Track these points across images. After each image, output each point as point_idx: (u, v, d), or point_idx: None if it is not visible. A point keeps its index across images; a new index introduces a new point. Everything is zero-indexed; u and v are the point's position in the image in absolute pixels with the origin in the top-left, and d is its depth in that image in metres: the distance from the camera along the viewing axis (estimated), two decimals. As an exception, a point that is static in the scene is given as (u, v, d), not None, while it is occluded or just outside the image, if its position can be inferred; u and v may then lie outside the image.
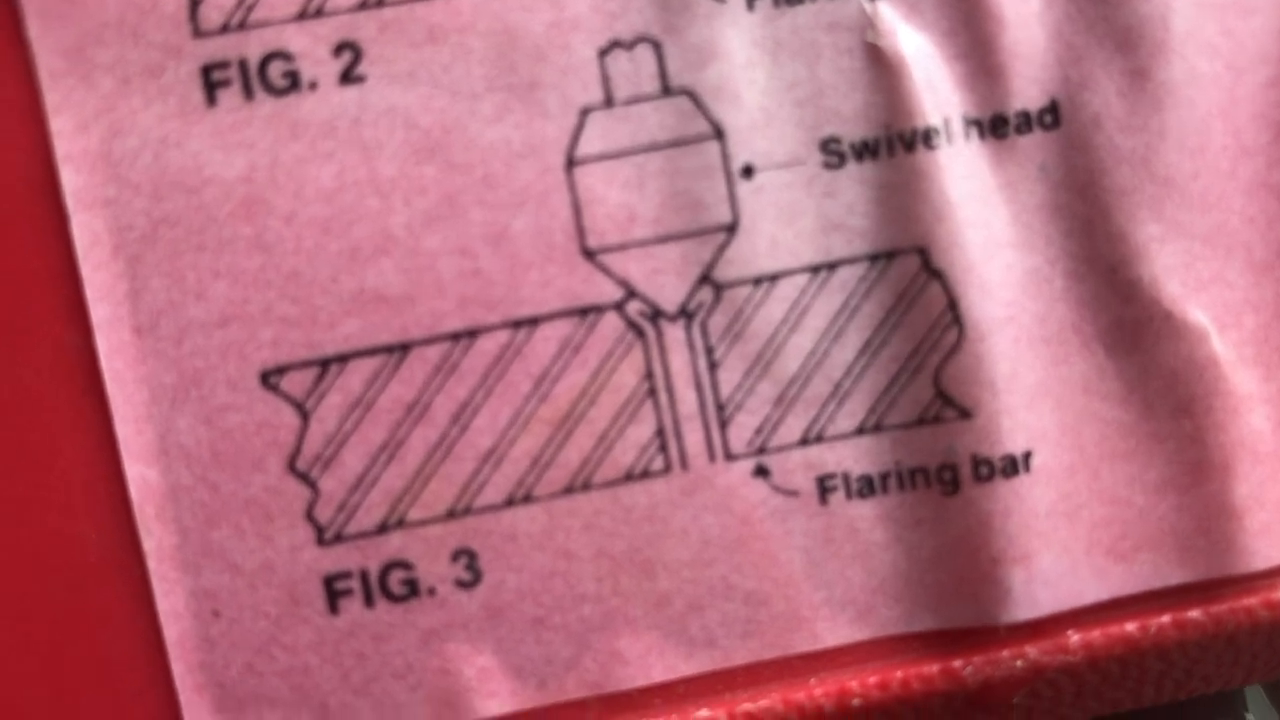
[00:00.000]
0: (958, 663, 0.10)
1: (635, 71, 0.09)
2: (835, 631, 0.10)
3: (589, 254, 0.09)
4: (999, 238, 0.09)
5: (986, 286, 0.09)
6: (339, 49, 0.09)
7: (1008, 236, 0.09)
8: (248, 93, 0.09)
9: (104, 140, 0.09)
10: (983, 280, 0.09)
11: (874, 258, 0.09)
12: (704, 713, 0.09)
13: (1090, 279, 0.09)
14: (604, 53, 0.09)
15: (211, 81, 0.09)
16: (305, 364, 0.09)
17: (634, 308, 0.09)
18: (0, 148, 0.09)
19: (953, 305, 0.09)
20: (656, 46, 0.09)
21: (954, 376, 0.09)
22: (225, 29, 0.09)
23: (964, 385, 0.09)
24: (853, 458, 0.09)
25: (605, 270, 0.09)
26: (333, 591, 0.09)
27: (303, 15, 0.09)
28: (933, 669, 0.10)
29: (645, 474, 0.09)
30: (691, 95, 0.09)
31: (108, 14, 0.09)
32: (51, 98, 0.09)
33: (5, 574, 0.09)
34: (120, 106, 0.09)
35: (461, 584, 0.09)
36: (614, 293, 0.09)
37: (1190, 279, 0.09)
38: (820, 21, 0.09)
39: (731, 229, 0.09)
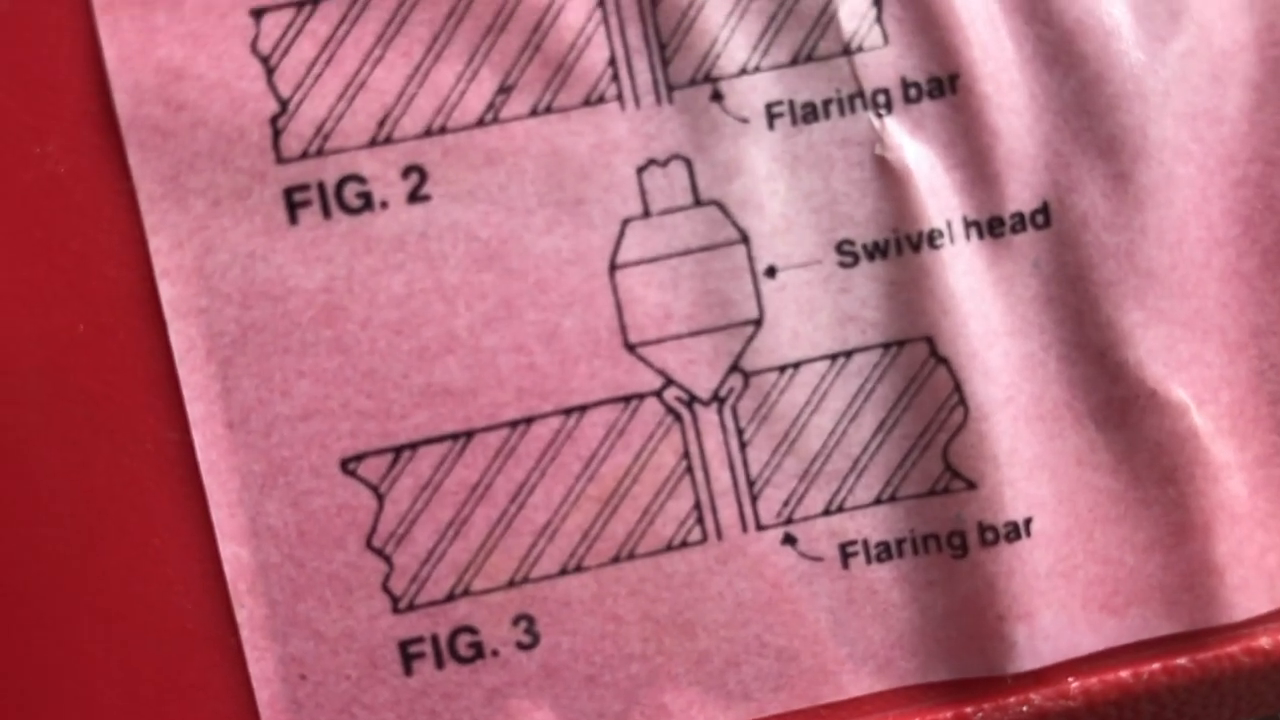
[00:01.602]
0: (969, 709, 0.11)
1: (669, 185, 0.10)
2: (858, 683, 0.11)
3: (630, 348, 0.10)
4: (998, 327, 0.11)
5: (988, 371, 0.10)
6: (407, 172, 0.10)
7: (1006, 325, 0.11)
8: (326, 212, 0.10)
9: (197, 256, 0.10)
10: (984, 365, 0.10)
11: (886, 346, 0.10)
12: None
13: (1081, 362, 0.11)
14: (641, 170, 0.10)
15: (293, 202, 0.10)
16: (380, 451, 0.10)
17: (672, 394, 0.11)
18: (105, 263, 0.10)
19: (958, 388, 0.10)
20: (688, 163, 0.10)
21: (960, 452, 0.10)
22: (305, 155, 0.10)
23: (969, 460, 0.10)
24: (871, 526, 0.11)
25: (645, 362, 0.10)
26: (407, 655, 0.10)
27: (374, 142, 0.10)
28: (947, 715, 0.11)
29: (684, 544, 0.10)
30: (720, 205, 0.10)
31: (199, 144, 0.10)
32: (150, 219, 0.10)
33: (114, 644, 0.10)
34: (212, 225, 0.10)
35: (521, 646, 0.10)
36: (653, 382, 0.10)
37: (1171, 360, 0.11)
38: (834, 138, 0.10)
39: (758, 323, 0.10)
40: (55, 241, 0.10)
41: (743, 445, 0.10)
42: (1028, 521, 0.10)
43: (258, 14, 0.10)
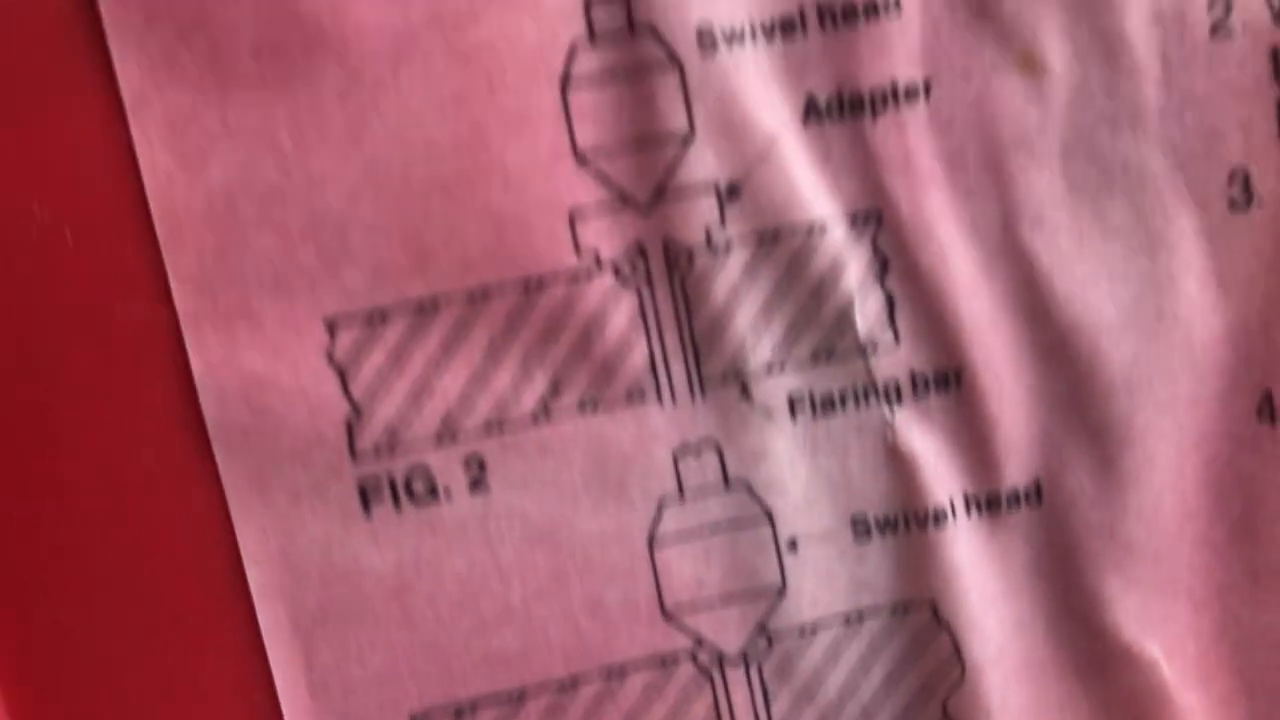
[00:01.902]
0: None
1: (702, 470, 0.11)
2: None
3: (667, 615, 0.12)
4: (993, 592, 0.12)
5: (983, 632, 0.12)
6: (468, 464, 0.11)
7: (1000, 590, 0.12)
8: (396, 502, 0.11)
9: (281, 544, 0.11)
10: (980, 627, 0.12)
11: (894, 610, 0.12)
12: None
13: (1065, 623, 0.12)
14: (677, 456, 0.11)
15: (367, 495, 0.11)
16: (444, 709, 0.11)
17: (703, 656, 0.12)
18: (198, 554, 0.11)
19: (957, 649, 0.12)
20: (719, 450, 0.11)
21: (958, 705, 0.12)
22: (377, 453, 0.11)
23: (967, 712, 0.12)
24: (879, 766, 0.12)
25: (680, 627, 0.12)
26: None
27: (439, 439, 0.11)
28: None
29: (715, 783, 0.12)
30: (748, 487, 0.11)
31: (281, 446, 0.11)
32: (237, 511, 0.11)
33: None
34: (293, 517, 0.11)
35: None
36: (687, 644, 0.12)
37: (1145, 620, 0.12)
38: (850, 426, 0.11)
39: (781, 590, 0.12)
40: (148, 535, 0.11)
41: (767, 700, 0.12)
42: (1017, 761, 0.12)
43: (332, 327, 0.11)
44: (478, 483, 0.11)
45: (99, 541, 0.11)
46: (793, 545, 0.11)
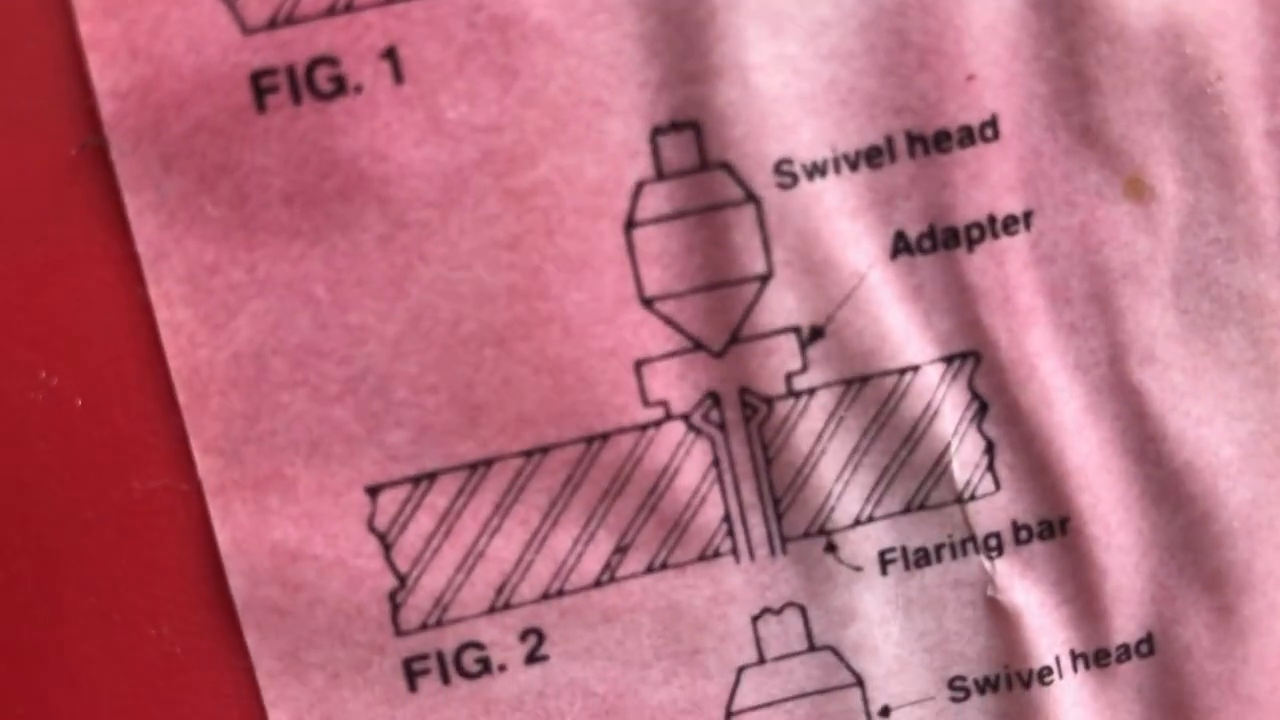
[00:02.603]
0: None
1: (784, 633, 0.12)
2: None
3: (747, 792, 0.12)
4: None
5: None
6: (525, 635, 0.11)
7: None
8: (445, 679, 0.11)
9: None
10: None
11: None
12: None
13: None
14: (756, 619, 0.12)
15: (413, 672, 0.11)
16: None
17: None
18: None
19: (1066, 820, 0.12)
20: (803, 610, 0.12)
21: None
22: (424, 627, 0.11)
23: None
24: None
25: (762, 804, 0.12)
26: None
27: (492, 609, 0.11)
28: None
29: None
30: (834, 651, 0.12)
31: (318, 622, 0.11)
32: (269, 694, 0.11)
33: None
34: (332, 698, 0.11)
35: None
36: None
37: (1269, 781, 0.12)
38: (946, 580, 0.12)
39: None
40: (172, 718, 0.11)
41: None
42: None
43: (374, 491, 0.11)
44: (535, 654, 0.11)
45: None
46: (885, 712, 0.12)
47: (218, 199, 0.11)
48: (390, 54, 0.11)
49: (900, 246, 0.11)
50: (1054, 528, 0.12)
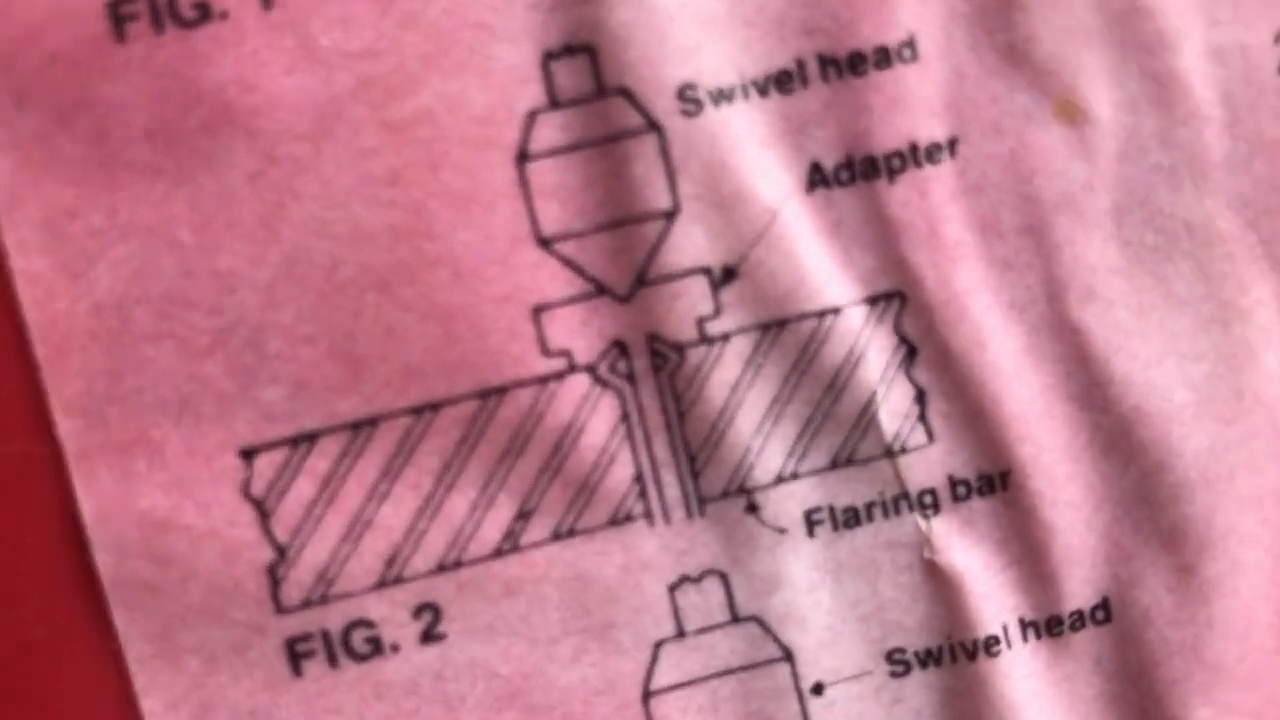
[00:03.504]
0: None
1: (704, 603, 0.12)
2: None
3: (669, 781, 0.12)
4: None
5: (1050, 782, 0.12)
6: (419, 611, 0.12)
7: None
8: (332, 661, 0.12)
9: (194, 717, 0.12)
10: (1046, 776, 0.12)
11: None
12: None
13: None
14: (674, 588, 0.12)
15: (296, 654, 0.12)
16: None
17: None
18: None
19: (1019, 804, 0.12)
20: (724, 578, 0.12)
21: None
22: (307, 604, 0.12)
23: None
24: None
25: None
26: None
27: (382, 583, 0.12)
28: None
29: None
30: (760, 621, 0.12)
31: (191, 599, 0.12)
32: (140, 680, 0.12)
33: None
34: (209, 684, 0.12)
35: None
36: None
37: (1241, 757, 0.12)
38: (878, 541, 0.12)
39: None
40: (36, 713, 0.12)
41: None
42: None
43: (249, 454, 0.12)
44: (431, 633, 0.12)
45: None
46: (818, 689, 0.12)
47: (75, 137, 0.12)
48: (257, -23, 0.11)
49: (816, 178, 0.12)
50: (994, 482, 0.12)
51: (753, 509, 0.12)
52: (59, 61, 0.11)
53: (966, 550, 0.12)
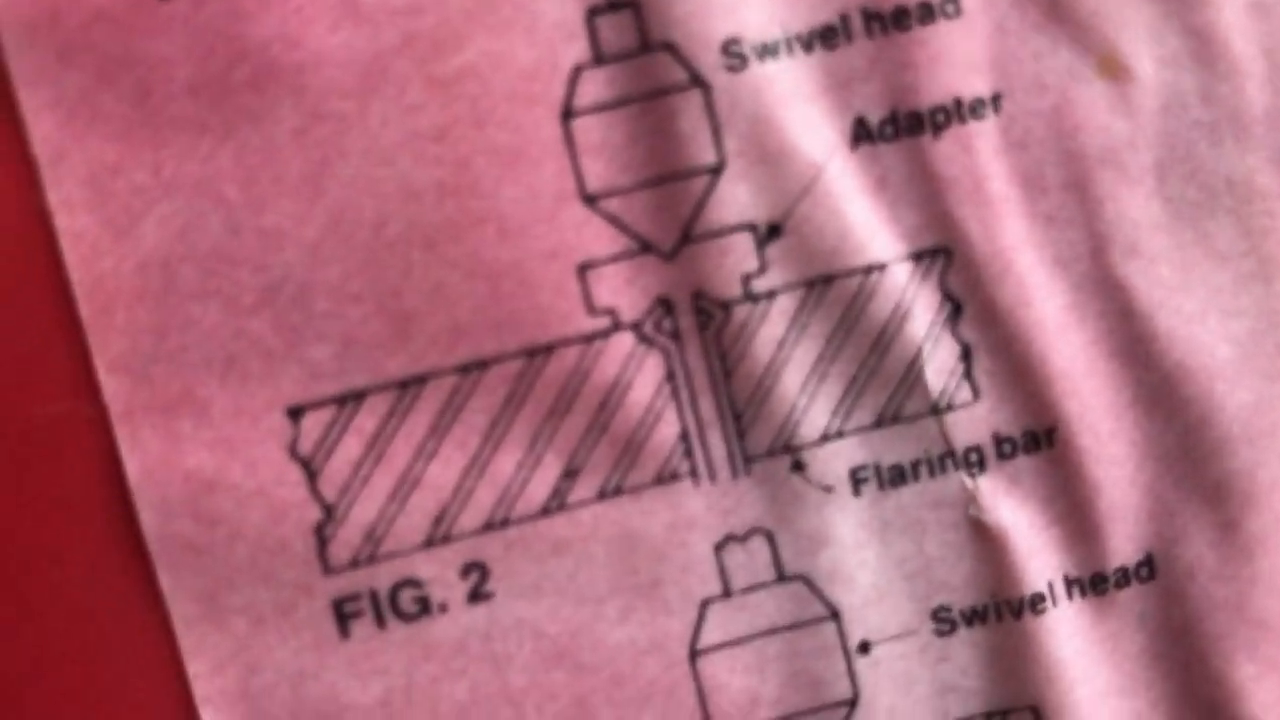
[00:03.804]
0: None
1: (751, 562, 0.12)
2: None
3: (716, 739, 0.12)
4: (1104, 687, 0.13)
5: (1095, 737, 0.12)
6: (466, 570, 0.12)
7: (1113, 685, 0.13)
8: (380, 622, 0.12)
9: (240, 679, 0.12)
10: (1092, 732, 0.12)
11: (989, 717, 0.13)
12: None
13: (1190, 718, 0.12)
14: (720, 547, 0.12)
15: (344, 614, 0.12)
16: None
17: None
18: (141, 694, 0.12)
19: (1065, 761, 0.12)
20: (770, 537, 0.12)
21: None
22: (354, 563, 0.12)
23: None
24: None
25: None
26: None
27: (430, 543, 0.12)
28: None
29: None
30: (806, 580, 0.12)
31: (238, 560, 0.12)
32: (187, 643, 0.12)
33: None
34: (255, 645, 0.12)
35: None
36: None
37: (1285, 713, 0.12)
38: (924, 500, 0.12)
39: (853, 703, 0.13)
40: (83, 676, 0.12)
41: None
42: None
43: (296, 413, 0.12)
44: (479, 592, 0.12)
45: (24, 689, 0.12)
46: (864, 648, 0.12)
47: (119, 94, 0.11)
48: (303, -69, 0.11)
49: (861, 134, 0.12)
50: (1039, 439, 0.12)
51: (798, 467, 0.12)
52: (103, 18, 0.11)
53: (1012, 508, 0.12)
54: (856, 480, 0.12)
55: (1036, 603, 0.12)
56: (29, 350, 0.12)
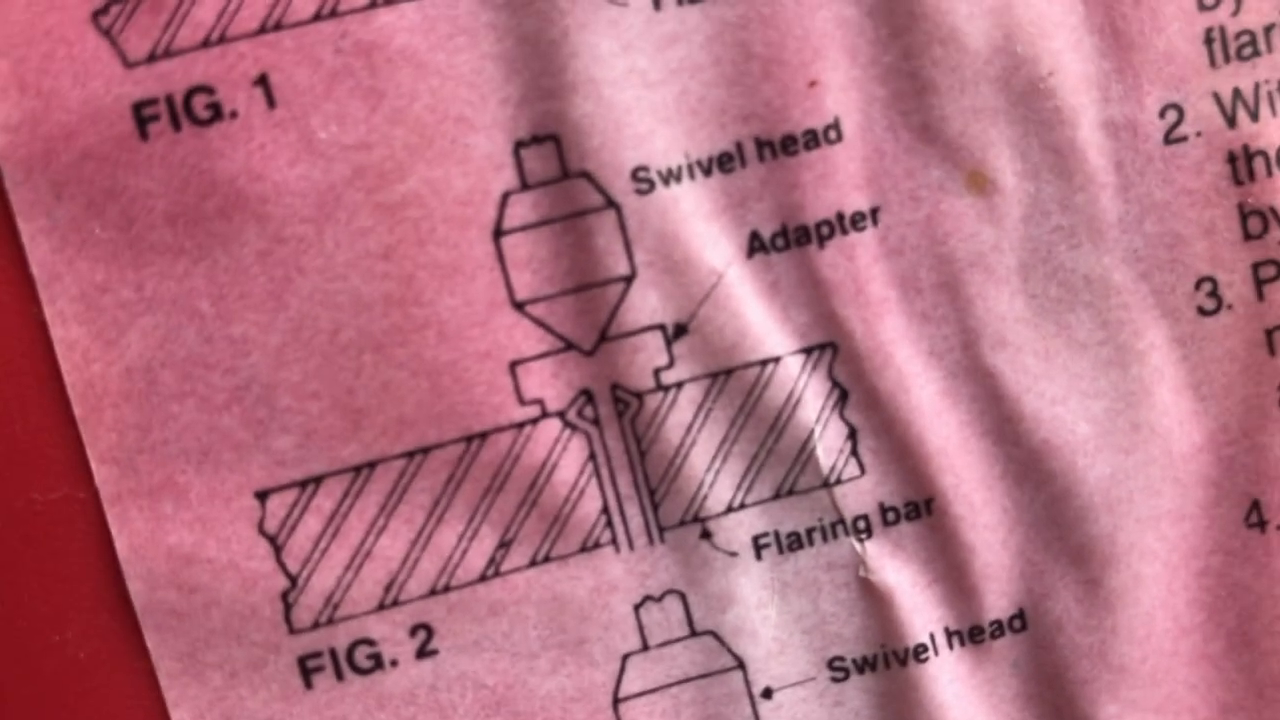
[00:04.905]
0: None
1: (666, 619, 0.14)
2: None
3: (637, 776, 0.13)
4: None
5: (975, 772, 0.14)
6: (414, 630, 0.13)
7: None
8: (339, 675, 0.13)
9: None
10: (971, 767, 0.14)
11: None
12: None
13: None
14: (638, 607, 0.14)
15: (307, 669, 0.13)
16: None
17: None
18: None
19: (947, 793, 0.14)
20: (683, 597, 0.14)
21: None
22: (316, 625, 0.13)
23: None
24: None
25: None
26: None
27: (382, 606, 0.13)
28: None
29: None
30: (715, 635, 0.14)
31: (214, 623, 0.13)
32: (171, 694, 0.13)
33: None
34: (230, 696, 0.13)
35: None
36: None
37: (1145, 747, 0.14)
38: (819, 563, 0.14)
39: None
40: None
41: None
42: None
43: (262, 496, 0.13)
44: (425, 649, 0.14)
45: None
46: (767, 694, 0.14)
47: (106, 222, 0.13)
48: (262, 80, 0.13)
49: (755, 245, 0.14)
50: (919, 508, 0.14)
51: (706, 535, 0.13)
52: (91, 157, 0.12)
53: (897, 569, 0.14)
54: (758, 546, 0.13)
55: (920, 652, 0.14)
56: (30, 443, 0.13)
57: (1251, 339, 0.14)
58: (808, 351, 0.13)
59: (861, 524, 0.13)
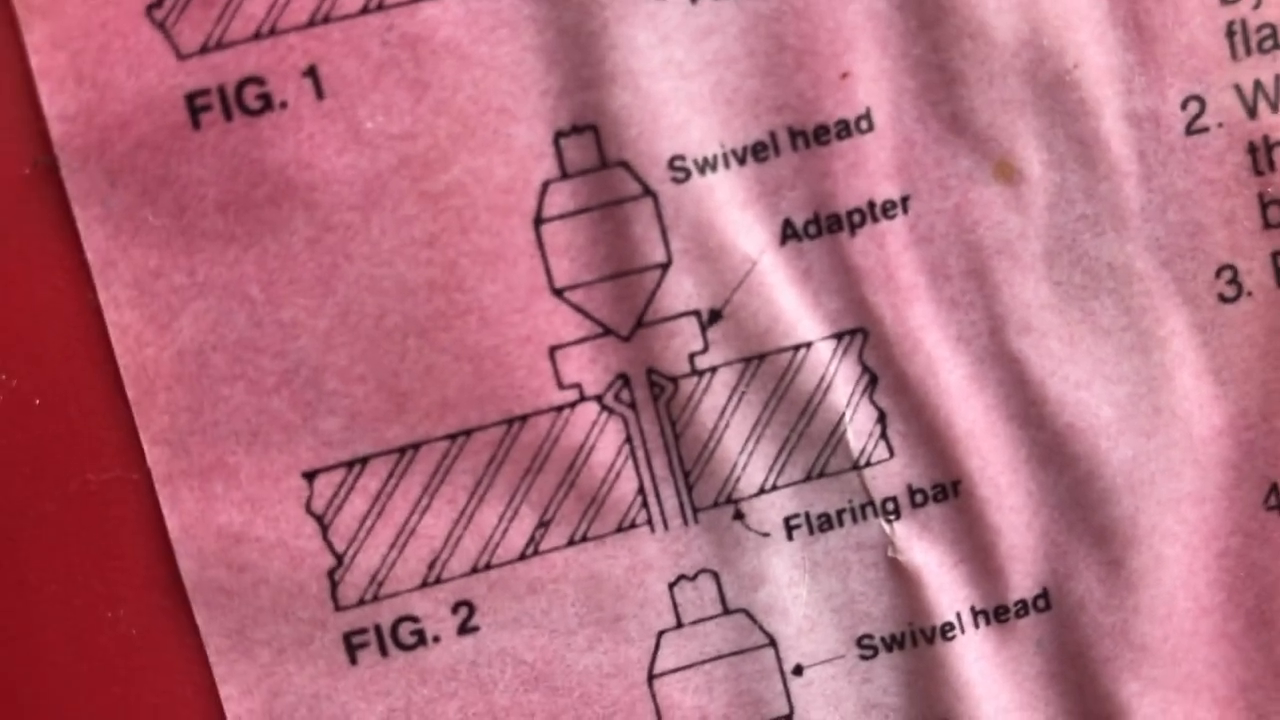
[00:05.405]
0: None
1: (699, 598, 0.14)
2: None
3: (671, 750, 0.14)
4: (1007, 704, 0.15)
5: (999, 748, 0.14)
6: (456, 607, 0.14)
7: (1014, 702, 0.15)
8: (383, 651, 0.14)
9: (265, 701, 0.13)
10: (996, 743, 0.14)
11: None
12: None
13: None
14: (673, 585, 0.14)
15: (352, 645, 0.14)
16: None
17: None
18: (179, 715, 0.13)
19: (973, 767, 0.14)
20: (716, 576, 0.14)
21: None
22: (361, 602, 0.14)
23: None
24: None
25: (685, 762, 0.14)
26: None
27: (425, 584, 0.14)
28: None
29: None
30: (747, 613, 0.14)
31: (262, 600, 0.13)
32: (219, 670, 0.13)
33: None
34: (278, 672, 0.13)
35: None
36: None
37: (1166, 723, 0.14)
38: (849, 543, 0.14)
39: (788, 718, 0.14)
40: (133, 698, 0.14)
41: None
42: None
43: (310, 476, 0.14)
44: (467, 626, 0.14)
45: (84, 710, 0.13)
46: (798, 671, 0.14)
47: (159, 210, 0.13)
48: (311, 72, 0.13)
49: (788, 233, 0.14)
50: (947, 490, 0.14)
51: (739, 516, 0.14)
52: (144, 146, 0.13)
53: (924, 550, 0.14)
54: (790, 527, 0.14)
55: (947, 630, 0.14)
56: (84, 425, 0.14)
57: (1271, 325, 0.14)
58: (839, 337, 0.14)
59: (890, 505, 0.14)
